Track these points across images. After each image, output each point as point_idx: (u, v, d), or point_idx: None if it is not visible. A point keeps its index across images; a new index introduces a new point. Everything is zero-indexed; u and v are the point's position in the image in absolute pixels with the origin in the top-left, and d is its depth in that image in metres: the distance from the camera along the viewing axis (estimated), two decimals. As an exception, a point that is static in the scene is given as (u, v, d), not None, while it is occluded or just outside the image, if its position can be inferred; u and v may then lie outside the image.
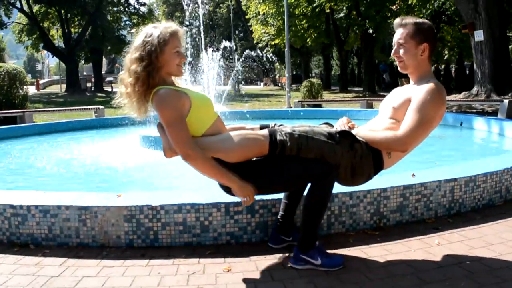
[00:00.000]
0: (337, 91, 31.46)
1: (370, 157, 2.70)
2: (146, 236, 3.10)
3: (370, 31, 25.43)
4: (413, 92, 2.73)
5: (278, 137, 2.60)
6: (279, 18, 27.13)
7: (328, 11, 27.53)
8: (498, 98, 13.78)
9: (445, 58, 37.09)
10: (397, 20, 2.82)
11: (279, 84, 47.14)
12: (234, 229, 3.14)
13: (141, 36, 2.59)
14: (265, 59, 17.45)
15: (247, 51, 13.65)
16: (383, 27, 26.29)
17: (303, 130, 2.64)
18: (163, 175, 5.47)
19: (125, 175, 5.62)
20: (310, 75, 47.86)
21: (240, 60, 13.79)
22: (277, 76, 52.34)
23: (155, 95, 2.55)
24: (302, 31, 28.37)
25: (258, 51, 14.96)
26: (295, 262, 2.72)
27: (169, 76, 2.66)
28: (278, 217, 3.03)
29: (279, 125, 2.77)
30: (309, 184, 2.69)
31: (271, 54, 18.32)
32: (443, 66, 30.16)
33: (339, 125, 2.85)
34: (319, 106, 16.29)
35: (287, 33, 18.11)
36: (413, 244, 3.07)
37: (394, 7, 26.11)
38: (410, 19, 2.78)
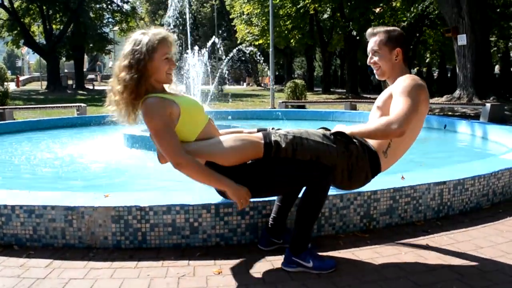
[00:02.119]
0: (320, 92, 31.57)
1: (366, 158, 2.69)
2: (134, 237, 3.04)
3: (354, 33, 25.55)
4: (392, 88, 2.80)
5: (273, 138, 2.59)
6: (264, 18, 27.16)
7: (312, 12, 27.61)
8: (480, 101, 13.92)
9: (426, 61, 37.50)
10: (369, 31, 2.97)
11: (262, 85, 47.12)
12: (224, 230, 3.10)
13: (130, 44, 2.57)
14: (256, 57, 17.42)
15: (239, 47, 13.62)
16: (367, 30, 26.38)
17: (298, 132, 2.64)
18: (150, 175, 5.38)
19: (110, 175, 5.53)
20: (292, 76, 47.93)
21: (228, 58, 13.72)
22: (260, 77, 52.34)
23: (142, 105, 2.54)
24: (286, 32, 28.41)
25: (251, 48, 14.93)
26: (287, 265, 2.69)
27: (159, 83, 2.64)
28: (270, 219, 3.00)
29: (277, 129, 2.74)
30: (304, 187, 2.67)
31: (259, 53, 18.27)
32: (425, 69, 30.45)
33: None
34: (303, 107, 16.31)
35: (271, 34, 18.10)
36: (403, 247, 3.06)
37: (378, 9, 26.31)
38: (380, 28, 2.94)
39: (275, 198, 3.03)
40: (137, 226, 3.03)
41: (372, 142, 2.76)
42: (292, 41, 29.13)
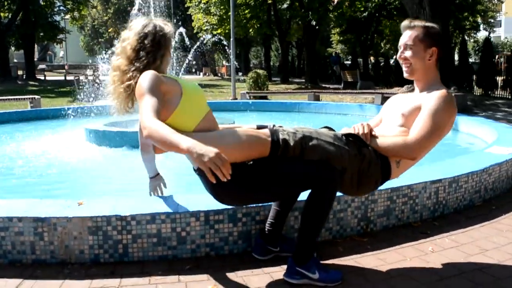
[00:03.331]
0: (279, 82, 31.33)
1: (378, 165, 2.47)
2: (114, 250, 2.72)
3: (313, 23, 25.44)
4: (424, 99, 2.54)
5: (281, 136, 2.35)
6: (222, 7, 26.65)
7: (270, 1, 27.31)
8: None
9: (381, 51, 37.96)
10: (405, 22, 2.65)
11: (219, 74, 46.57)
12: (215, 239, 2.82)
13: (149, 26, 2.55)
14: (218, 46, 17.00)
15: (208, 36, 13.24)
16: (326, 20, 26.41)
17: (307, 130, 2.41)
18: (123, 176, 4.96)
19: (78, 177, 5.06)
20: (250, 66, 47.61)
21: (194, 47, 13.31)
22: (217, 66, 51.71)
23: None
24: (244, 21, 28.00)
25: (221, 37, 14.54)
26: (290, 276, 2.45)
27: (160, 71, 2.54)
28: (267, 225, 2.74)
29: (279, 126, 2.49)
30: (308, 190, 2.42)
31: (224, 42, 17.88)
32: (382, 60, 30.78)
33: (358, 128, 2.57)
34: (265, 97, 16.06)
35: (232, 22, 17.72)
36: (407, 252, 2.87)
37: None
38: (419, 22, 2.61)
39: (271, 203, 2.78)
40: (118, 237, 2.71)
41: None
42: (250, 30, 28.73)
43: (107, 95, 2.64)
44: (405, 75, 2.66)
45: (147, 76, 2.37)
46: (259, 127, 2.47)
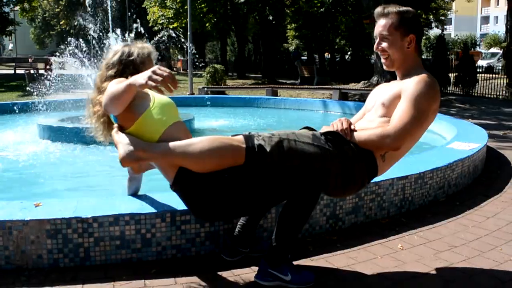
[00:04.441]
0: (235, 77, 31.18)
1: (363, 162, 2.33)
2: (75, 254, 2.57)
3: (270, 17, 25.42)
4: (404, 85, 2.38)
5: (256, 142, 2.21)
6: (178, 0, 26.23)
7: (227, -5, 27.16)
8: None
9: (336, 47, 38.33)
10: (378, 9, 2.46)
11: (175, 69, 45.99)
12: (181, 241, 2.71)
13: (116, 55, 2.54)
14: (176, 40, 16.67)
15: (163, 32, 12.93)
16: (283, 15, 26.38)
17: (284, 133, 2.27)
18: (82, 175, 4.73)
19: (32, 176, 4.77)
20: (205, 60, 47.18)
21: (153, 41, 12.99)
22: (172, 61, 51.03)
23: None
24: (201, 15, 27.68)
25: (172, 32, 14.23)
26: (262, 278, 2.36)
27: None
28: (238, 226, 2.63)
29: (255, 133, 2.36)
30: None
31: (181, 36, 17.57)
32: (338, 56, 31.06)
33: (337, 124, 2.44)
34: (223, 92, 15.91)
35: (189, 16, 17.46)
36: (377, 250, 2.84)
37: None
38: (392, 8, 2.43)
39: (251, 215, 2.67)
40: (79, 240, 2.56)
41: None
42: (207, 24, 28.42)
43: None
44: (385, 67, 2.53)
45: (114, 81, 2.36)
46: (233, 136, 2.35)
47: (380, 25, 2.45)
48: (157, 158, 2.24)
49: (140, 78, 2.10)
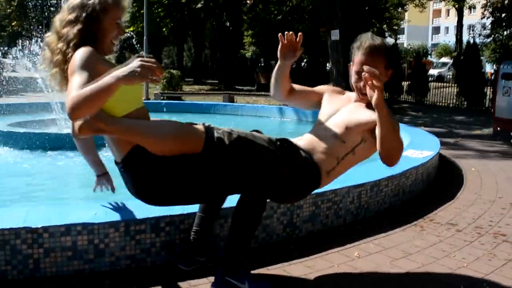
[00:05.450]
0: (192, 83, 31.03)
1: (310, 172, 2.38)
2: (24, 265, 2.46)
3: (228, 24, 25.46)
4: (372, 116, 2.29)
5: (216, 135, 2.21)
6: (135, 4, 25.93)
7: (184, 1, 26.99)
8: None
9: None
10: (369, 43, 2.41)
11: (130, 74, 45.31)
12: (136, 251, 2.64)
13: None
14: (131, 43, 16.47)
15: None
16: (240, 21, 26.43)
17: (243, 133, 2.29)
18: (31, 183, 4.53)
19: None
20: (162, 65, 46.69)
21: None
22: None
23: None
24: (158, 20, 27.45)
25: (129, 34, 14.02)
26: (218, 287, 2.32)
27: (101, 49, 2.29)
28: (192, 233, 2.59)
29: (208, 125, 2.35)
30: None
31: (134, 40, 17.36)
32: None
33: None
34: (179, 98, 15.79)
35: (146, 20, 17.30)
36: (334, 258, 2.85)
37: (249, 1, 26.44)
38: (381, 43, 2.42)
39: (195, 210, 2.64)
40: (28, 252, 2.45)
41: (318, 159, 2.41)
42: (164, 29, 28.21)
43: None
44: (359, 98, 2.51)
45: (82, 53, 2.11)
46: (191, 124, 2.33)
47: (372, 62, 2.33)
48: (118, 133, 2.13)
49: (128, 71, 1.85)
